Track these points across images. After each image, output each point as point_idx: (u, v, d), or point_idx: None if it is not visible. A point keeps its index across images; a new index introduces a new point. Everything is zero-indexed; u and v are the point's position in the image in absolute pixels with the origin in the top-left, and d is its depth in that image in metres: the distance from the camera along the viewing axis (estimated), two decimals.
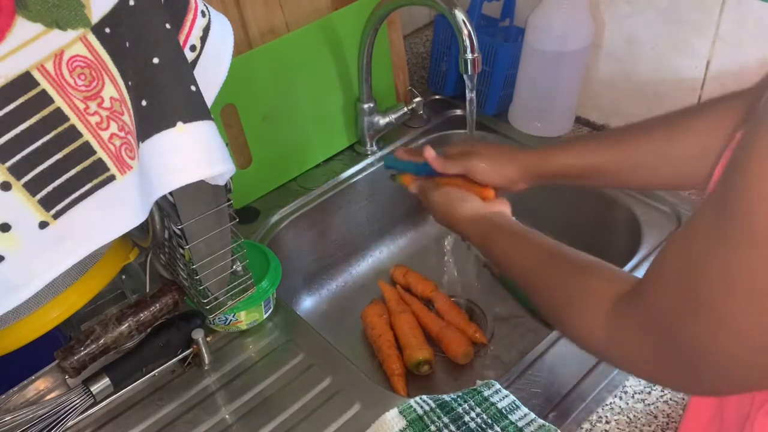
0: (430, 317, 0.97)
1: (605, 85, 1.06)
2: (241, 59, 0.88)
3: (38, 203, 0.54)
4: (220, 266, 0.70)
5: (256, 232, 0.95)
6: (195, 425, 0.69)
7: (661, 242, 0.89)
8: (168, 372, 0.75)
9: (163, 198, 0.61)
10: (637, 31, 0.99)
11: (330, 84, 1.01)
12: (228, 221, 0.67)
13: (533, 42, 1.01)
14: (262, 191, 1.00)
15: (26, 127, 0.52)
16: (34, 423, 0.66)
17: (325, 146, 1.06)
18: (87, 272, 0.68)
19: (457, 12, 0.78)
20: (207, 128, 0.53)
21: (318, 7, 1.00)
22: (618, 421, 0.68)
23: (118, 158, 0.57)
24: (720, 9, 0.88)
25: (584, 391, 0.70)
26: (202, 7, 0.58)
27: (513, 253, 0.66)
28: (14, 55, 0.49)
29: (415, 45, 1.22)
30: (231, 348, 0.78)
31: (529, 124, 1.09)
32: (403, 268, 1.05)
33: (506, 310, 1.01)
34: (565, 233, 1.08)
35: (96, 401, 0.70)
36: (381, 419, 0.68)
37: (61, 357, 0.70)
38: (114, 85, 0.54)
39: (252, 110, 0.93)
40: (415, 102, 1.07)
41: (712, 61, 0.93)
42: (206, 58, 0.58)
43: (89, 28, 0.51)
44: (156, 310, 0.74)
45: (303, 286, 1.04)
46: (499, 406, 0.67)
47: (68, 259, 0.58)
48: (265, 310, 0.80)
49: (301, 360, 0.76)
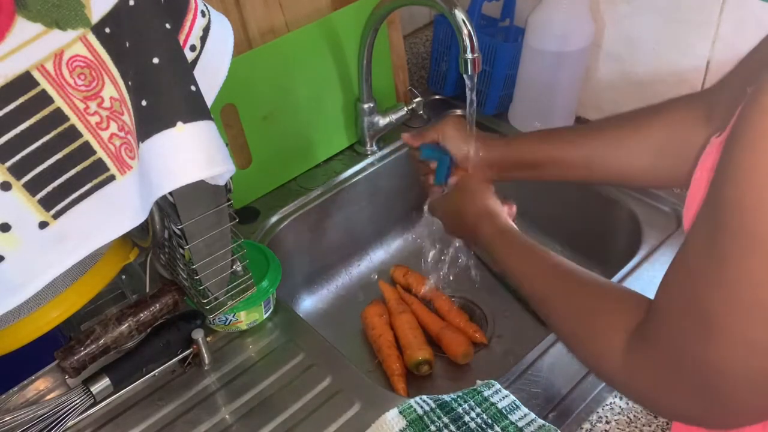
0: (430, 317, 0.97)
1: (605, 85, 1.06)
2: (241, 59, 0.88)
3: (38, 203, 0.54)
4: (220, 266, 0.70)
5: (256, 232, 0.95)
6: (195, 425, 0.69)
7: (661, 242, 0.89)
8: (168, 372, 0.75)
9: (163, 198, 0.61)
10: (637, 31, 0.98)
11: (330, 84, 1.01)
12: (228, 221, 0.67)
13: (533, 42, 1.01)
14: (262, 191, 1.00)
15: (26, 127, 0.52)
16: (34, 423, 0.66)
17: (325, 146, 1.06)
18: (87, 272, 0.68)
19: (457, 12, 0.78)
20: (207, 128, 0.53)
21: (318, 7, 1.00)
22: (618, 421, 0.68)
23: (118, 158, 0.57)
24: (720, 9, 0.88)
25: (584, 391, 0.70)
26: (202, 6, 0.58)
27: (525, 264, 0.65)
28: (14, 55, 0.49)
29: (415, 45, 1.22)
30: (231, 348, 0.78)
31: (529, 124, 1.09)
32: (403, 268, 1.05)
33: (506, 310, 1.01)
34: (565, 233, 1.08)
35: (96, 401, 0.70)
36: (381, 419, 0.68)
37: (61, 357, 0.70)
38: (114, 85, 0.54)
39: (252, 110, 0.93)
40: (415, 102, 1.07)
41: (712, 61, 0.93)
42: (206, 58, 0.58)
43: (89, 28, 0.51)
44: (156, 310, 0.74)
45: (303, 286, 1.04)
46: (499, 406, 0.67)
47: (68, 259, 0.58)
48: (265, 310, 0.80)
49: (301, 360, 0.76)
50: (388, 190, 1.09)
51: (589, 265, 1.04)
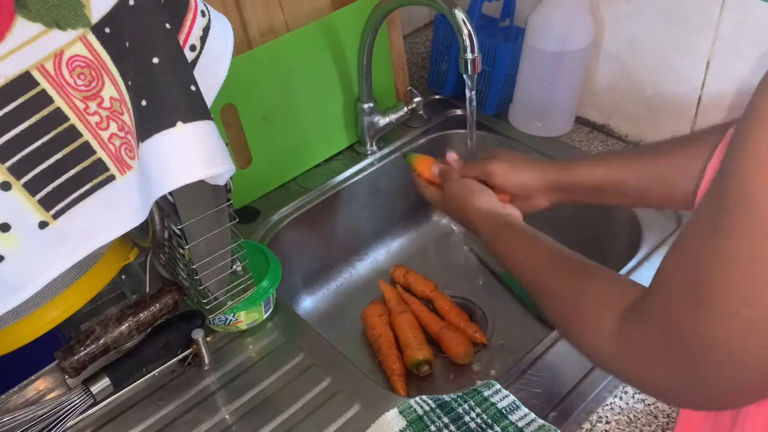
0: (430, 317, 0.97)
1: (605, 85, 1.06)
2: (241, 59, 0.88)
3: (38, 203, 0.54)
4: (220, 266, 0.70)
5: (256, 232, 0.95)
6: (195, 425, 0.69)
7: (661, 242, 0.89)
8: (168, 372, 0.75)
9: (163, 198, 0.61)
10: (637, 31, 0.98)
11: (330, 84, 1.01)
12: (228, 221, 0.67)
13: (533, 42, 1.01)
14: (262, 191, 1.00)
15: (26, 127, 0.52)
16: (34, 423, 0.66)
17: (325, 146, 1.06)
18: (87, 272, 0.68)
19: (457, 12, 0.78)
20: (207, 128, 0.53)
21: (318, 7, 1.00)
22: (618, 421, 0.68)
23: (117, 158, 0.57)
24: (720, 9, 0.88)
25: (584, 391, 0.70)
26: (202, 6, 0.58)
27: (523, 253, 0.66)
28: (14, 55, 0.49)
29: (415, 45, 1.22)
30: (231, 348, 0.78)
31: (529, 123, 1.09)
32: (403, 268, 1.05)
33: (506, 310, 1.01)
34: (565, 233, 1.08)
35: (96, 401, 0.70)
36: (381, 419, 0.68)
37: (61, 357, 0.69)
38: (114, 85, 0.54)
39: (252, 110, 0.93)
40: (415, 102, 1.06)
41: (712, 61, 0.93)
42: (206, 58, 0.58)
43: (89, 27, 0.51)
44: (156, 310, 0.74)
45: (303, 286, 1.04)
46: (499, 406, 0.67)
47: (68, 259, 0.58)
48: (265, 310, 0.80)
49: (301, 360, 0.76)
50: (388, 189, 1.09)
51: None
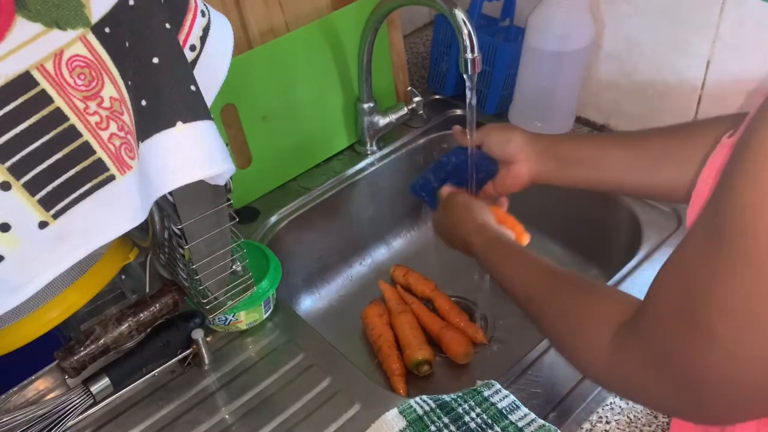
0: (430, 317, 0.97)
1: (605, 85, 1.06)
2: (241, 59, 0.88)
3: (38, 203, 0.54)
4: (220, 266, 0.70)
5: (256, 232, 0.95)
6: (195, 425, 0.69)
7: (661, 242, 0.89)
8: (168, 372, 0.75)
9: (163, 198, 0.61)
10: (637, 31, 0.98)
11: (330, 84, 1.01)
12: (228, 221, 0.67)
13: (533, 42, 1.01)
14: (262, 191, 1.00)
15: (26, 127, 0.52)
16: (34, 423, 0.66)
17: (325, 146, 1.06)
18: (87, 272, 0.68)
19: (457, 12, 0.78)
20: (207, 128, 0.53)
21: (318, 7, 1.00)
22: (618, 421, 0.68)
23: (117, 158, 0.57)
24: (720, 9, 0.88)
25: (584, 391, 0.70)
26: (202, 6, 0.58)
27: (515, 266, 0.66)
28: (14, 54, 0.49)
29: (415, 45, 1.22)
30: (231, 348, 0.78)
31: (530, 123, 1.09)
32: (403, 268, 1.05)
33: (506, 310, 1.01)
34: (565, 233, 1.08)
35: (96, 401, 0.70)
36: (381, 419, 0.68)
37: (61, 357, 0.70)
38: (114, 85, 0.54)
39: (252, 110, 0.93)
40: (415, 102, 1.06)
41: (712, 61, 0.93)
42: (206, 58, 0.58)
43: (89, 27, 0.51)
44: (156, 310, 0.74)
45: (303, 286, 1.04)
46: (499, 407, 0.67)
47: (68, 259, 0.58)
48: (265, 310, 0.80)
49: (301, 360, 0.76)
50: (388, 189, 1.09)
51: (589, 265, 1.05)
